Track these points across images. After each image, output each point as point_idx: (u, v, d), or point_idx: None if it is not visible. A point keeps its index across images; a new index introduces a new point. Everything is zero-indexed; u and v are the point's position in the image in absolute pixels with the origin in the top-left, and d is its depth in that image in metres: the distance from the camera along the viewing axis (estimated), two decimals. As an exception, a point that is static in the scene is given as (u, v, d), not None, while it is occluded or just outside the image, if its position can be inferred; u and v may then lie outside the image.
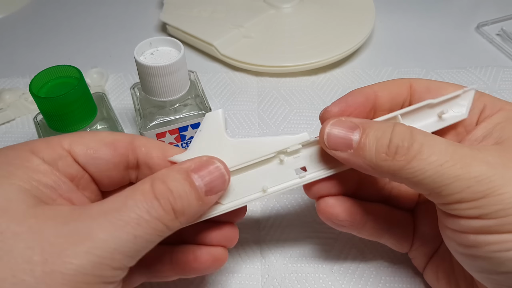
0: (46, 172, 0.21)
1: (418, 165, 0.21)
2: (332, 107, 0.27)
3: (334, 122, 0.24)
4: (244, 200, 0.25)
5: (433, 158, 0.21)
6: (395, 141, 0.22)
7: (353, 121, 0.24)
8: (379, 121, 0.24)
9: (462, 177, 0.20)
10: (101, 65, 0.48)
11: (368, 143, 0.23)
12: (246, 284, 0.31)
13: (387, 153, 0.22)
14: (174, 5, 0.53)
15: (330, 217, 0.27)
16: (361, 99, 0.27)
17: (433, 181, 0.21)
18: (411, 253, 0.29)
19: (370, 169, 0.23)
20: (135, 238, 0.19)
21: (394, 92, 0.27)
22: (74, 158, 0.23)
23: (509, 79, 0.46)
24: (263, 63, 0.46)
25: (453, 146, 0.21)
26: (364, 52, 0.51)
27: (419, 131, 0.22)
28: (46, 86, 0.31)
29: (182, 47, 0.33)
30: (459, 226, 0.22)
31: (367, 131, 0.23)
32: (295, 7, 0.53)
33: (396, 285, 0.30)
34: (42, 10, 0.59)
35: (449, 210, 0.22)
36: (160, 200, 0.20)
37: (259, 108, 0.44)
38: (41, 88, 0.30)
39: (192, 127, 0.36)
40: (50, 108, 0.30)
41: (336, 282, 0.31)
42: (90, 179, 0.24)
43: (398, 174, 0.22)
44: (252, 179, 0.26)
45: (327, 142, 0.24)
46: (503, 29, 0.52)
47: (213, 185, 0.23)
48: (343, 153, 0.24)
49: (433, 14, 0.57)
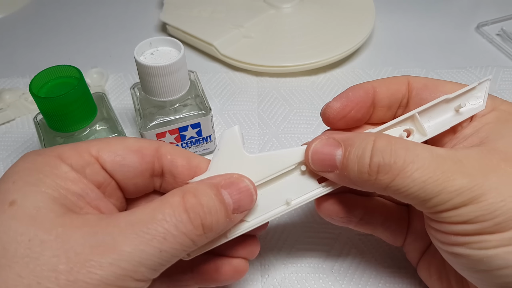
0: (74, 180, 0.21)
1: (402, 183, 0.21)
2: (333, 103, 0.27)
3: (317, 144, 0.24)
4: (269, 216, 0.25)
5: (417, 175, 0.21)
6: (375, 160, 0.22)
7: (336, 138, 0.24)
8: (361, 135, 0.23)
9: (444, 191, 0.21)
10: (101, 65, 0.48)
11: (350, 163, 0.23)
12: (246, 284, 0.31)
13: (369, 173, 0.22)
14: (174, 5, 0.53)
15: (331, 214, 0.27)
16: (362, 94, 0.27)
17: (417, 196, 0.21)
18: (405, 247, 0.30)
19: (358, 187, 0.24)
20: (161, 253, 0.19)
21: (392, 88, 0.27)
22: (101, 165, 0.23)
23: (509, 79, 0.46)
24: (263, 63, 0.46)
25: (436, 160, 0.21)
26: (364, 52, 0.51)
27: (400, 145, 0.22)
28: (46, 86, 0.31)
29: (182, 47, 0.33)
30: (441, 228, 0.22)
31: (349, 150, 0.23)
32: (295, 7, 0.53)
33: (396, 285, 0.30)
34: (42, 10, 0.59)
35: (434, 217, 0.22)
36: (190, 214, 0.20)
37: (259, 108, 0.44)
38: (41, 88, 0.30)
39: (192, 127, 0.36)
40: (50, 108, 0.30)
41: (336, 282, 0.31)
42: (116, 186, 0.24)
43: (384, 191, 0.22)
44: (275, 193, 0.25)
45: (313, 165, 0.24)
46: (503, 29, 0.52)
47: (241, 204, 0.23)
48: (330, 174, 0.24)
49: (433, 14, 0.57)
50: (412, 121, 0.26)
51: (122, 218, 0.20)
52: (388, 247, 0.32)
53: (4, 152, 0.41)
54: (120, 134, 0.33)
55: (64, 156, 0.22)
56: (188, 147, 0.38)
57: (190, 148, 0.38)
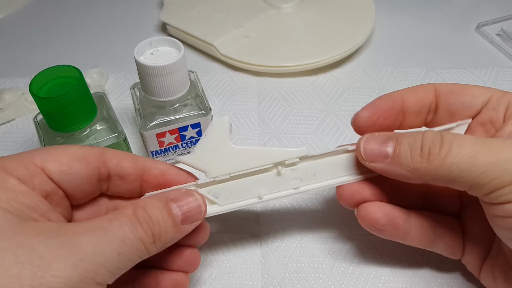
0: (24, 193, 0.22)
1: (452, 161, 0.22)
2: (362, 112, 0.28)
3: (369, 136, 0.26)
4: (240, 204, 0.27)
5: (465, 151, 0.22)
6: (426, 144, 0.23)
7: (386, 134, 0.25)
8: (410, 131, 0.25)
9: (496, 162, 0.21)
10: (101, 65, 0.48)
11: (403, 149, 0.24)
12: (246, 284, 0.31)
13: (421, 156, 0.23)
14: (174, 5, 0.53)
15: (372, 222, 0.27)
16: (389, 103, 0.28)
17: (470, 172, 0.22)
18: (465, 259, 0.29)
19: (408, 174, 0.24)
20: (119, 255, 0.20)
21: (420, 95, 0.28)
22: (47, 175, 0.23)
23: (509, 79, 0.46)
24: (263, 63, 0.46)
25: (481, 139, 0.23)
26: (364, 52, 0.51)
27: (447, 133, 0.23)
28: (46, 86, 0.31)
29: (182, 47, 0.33)
30: (506, 211, 0.22)
31: (400, 140, 0.24)
32: (295, 7, 0.53)
33: (396, 285, 0.30)
34: (42, 10, 0.59)
35: (493, 199, 0.22)
36: (142, 224, 0.22)
37: (259, 108, 0.44)
38: (41, 88, 0.30)
39: (192, 127, 0.36)
40: (50, 108, 0.30)
41: (336, 282, 0.31)
42: (63, 195, 0.24)
43: (436, 174, 0.23)
44: (250, 186, 0.27)
45: (365, 155, 0.25)
46: (503, 29, 0.52)
47: (190, 215, 0.25)
48: (380, 163, 0.25)
49: (433, 14, 0.57)
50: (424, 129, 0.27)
51: (81, 225, 0.21)
52: (388, 247, 0.32)
53: (4, 152, 0.41)
54: (120, 134, 0.33)
55: (9, 169, 0.22)
56: (188, 147, 0.38)
57: (190, 148, 0.38)
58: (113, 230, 0.21)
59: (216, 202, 0.27)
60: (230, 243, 0.33)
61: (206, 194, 0.27)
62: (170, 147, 0.37)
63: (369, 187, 0.27)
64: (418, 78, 0.47)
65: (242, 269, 0.32)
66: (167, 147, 0.37)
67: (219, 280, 0.31)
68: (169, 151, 0.37)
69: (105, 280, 0.20)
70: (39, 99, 0.29)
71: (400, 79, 0.47)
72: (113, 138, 0.33)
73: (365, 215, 0.27)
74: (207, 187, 0.27)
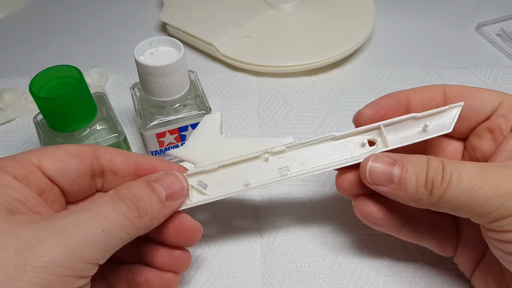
0: (16, 188, 0.23)
1: (451, 194, 0.22)
2: (365, 110, 0.28)
3: (374, 159, 0.25)
4: (227, 192, 0.27)
5: (463, 184, 0.22)
6: (430, 175, 0.23)
7: (392, 156, 0.25)
8: (414, 156, 0.25)
9: (493, 196, 0.22)
10: (101, 65, 0.48)
11: (409, 178, 0.24)
12: (246, 284, 0.31)
13: (425, 188, 0.23)
14: (174, 5, 0.53)
15: (366, 215, 0.27)
16: (394, 101, 0.28)
17: (468, 205, 0.22)
18: (456, 259, 0.29)
19: (411, 201, 0.24)
20: (104, 232, 0.21)
21: (427, 96, 0.28)
22: (43, 172, 0.24)
23: (509, 79, 0.46)
24: (263, 63, 0.46)
25: (480, 169, 0.23)
26: (364, 52, 0.51)
27: (448, 161, 0.23)
28: (46, 86, 0.31)
29: (182, 47, 0.33)
30: (503, 237, 0.22)
31: (406, 166, 0.24)
32: (295, 7, 0.53)
33: (396, 285, 0.30)
34: (42, 10, 0.59)
35: (493, 228, 0.23)
36: (125, 201, 0.23)
37: (259, 108, 0.44)
38: (41, 88, 0.30)
39: (192, 127, 0.36)
40: (50, 108, 0.30)
41: (336, 282, 0.31)
42: (59, 192, 0.25)
43: (436, 205, 0.23)
44: (238, 175, 0.28)
45: (369, 178, 0.25)
46: (503, 29, 0.52)
47: (173, 191, 0.25)
48: (384, 187, 0.25)
49: (433, 14, 0.57)
50: (378, 132, 0.27)
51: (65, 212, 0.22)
52: (388, 247, 0.32)
53: (4, 152, 0.41)
54: (120, 134, 0.33)
55: (5, 168, 0.23)
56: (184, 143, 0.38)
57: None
58: (95, 210, 0.21)
59: (204, 192, 0.27)
60: (230, 243, 0.33)
61: (195, 185, 0.27)
62: (170, 147, 0.37)
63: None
64: (418, 78, 0.47)
65: (242, 269, 0.32)
66: (167, 147, 0.37)
67: (219, 280, 0.31)
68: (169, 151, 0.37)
69: (94, 258, 0.21)
70: (39, 99, 0.29)
71: (400, 79, 0.47)
72: (113, 138, 0.33)
73: (361, 208, 0.27)
74: (196, 177, 0.28)
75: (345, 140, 0.28)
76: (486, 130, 0.27)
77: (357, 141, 0.28)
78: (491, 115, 0.27)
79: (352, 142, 0.28)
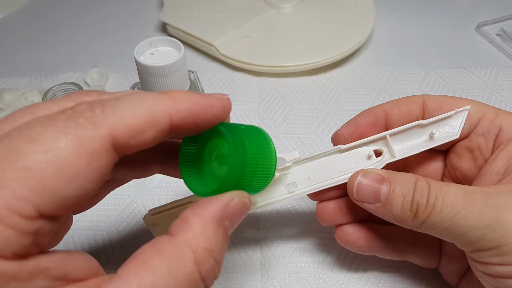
0: None
1: (434, 219, 0.22)
2: (342, 130, 0.28)
3: (363, 174, 0.25)
4: None
5: (446, 211, 0.22)
6: (416, 198, 0.23)
7: (380, 173, 0.25)
8: (403, 175, 0.24)
9: (475, 226, 0.21)
10: (101, 65, 0.48)
11: (395, 198, 0.23)
12: (246, 284, 0.31)
13: (411, 210, 0.23)
14: (174, 5, 0.53)
15: (347, 244, 0.28)
16: (371, 119, 0.27)
17: (451, 232, 0.22)
18: (441, 269, 0.29)
19: (395, 222, 0.24)
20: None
21: (405, 110, 0.27)
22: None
23: (509, 79, 0.46)
24: (263, 63, 0.46)
25: (464, 195, 0.22)
26: (364, 52, 0.51)
27: (435, 183, 0.23)
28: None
29: (182, 47, 0.33)
30: (487, 270, 0.22)
31: (393, 186, 0.24)
32: (295, 7, 0.53)
33: (396, 285, 0.30)
34: (42, 10, 0.59)
35: (476, 257, 0.22)
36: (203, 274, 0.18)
37: (259, 108, 0.44)
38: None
39: (192, 127, 0.36)
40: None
41: (336, 282, 0.31)
42: None
43: (421, 228, 0.23)
44: None
45: (356, 195, 0.25)
46: (503, 29, 0.52)
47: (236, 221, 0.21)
48: (370, 205, 0.25)
49: (433, 14, 0.57)
50: (384, 141, 0.27)
51: None
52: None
53: (4, 152, 0.41)
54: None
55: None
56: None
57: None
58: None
59: None
60: (230, 243, 0.33)
61: None
62: (170, 147, 0.37)
63: (348, 209, 0.27)
64: (418, 78, 0.47)
65: (242, 269, 0.32)
66: (167, 147, 0.37)
67: (219, 280, 0.31)
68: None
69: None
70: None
71: (400, 79, 0.47)
72: (113, 138, 0.33)
73: (342, 237, 0.28)
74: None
75: (351, 152, 0.27)
76: (466, 149, 0.26)
77: (364, 153, 0.27)
78: (469, 134, 0.26)
79: (359, 154, 0.27)
